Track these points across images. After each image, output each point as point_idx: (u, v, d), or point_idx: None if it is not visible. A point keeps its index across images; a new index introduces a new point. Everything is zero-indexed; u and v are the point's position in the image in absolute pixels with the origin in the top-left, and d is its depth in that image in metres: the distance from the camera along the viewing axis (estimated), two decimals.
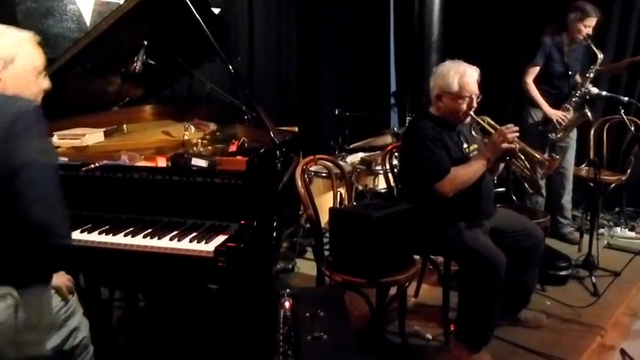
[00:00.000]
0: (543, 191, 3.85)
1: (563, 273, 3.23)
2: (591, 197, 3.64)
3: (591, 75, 3.59)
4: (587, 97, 3.60)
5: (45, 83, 1.62)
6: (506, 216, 2.65)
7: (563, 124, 3.67)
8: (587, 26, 3.52)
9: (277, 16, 4.79)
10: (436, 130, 2.41)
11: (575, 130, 3.82)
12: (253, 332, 2.05)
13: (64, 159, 2.09)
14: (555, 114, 3.66)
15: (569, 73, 3.69)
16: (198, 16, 2.27)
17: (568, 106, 3.67)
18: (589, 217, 3.71)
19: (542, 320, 2.77)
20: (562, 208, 3.98)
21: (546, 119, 3.71)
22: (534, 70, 3.68)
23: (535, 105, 3.73)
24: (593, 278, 3.17)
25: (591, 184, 3.47)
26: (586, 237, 3.50)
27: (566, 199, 3.98)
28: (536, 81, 3.70)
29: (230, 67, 2.33)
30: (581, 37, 3.55)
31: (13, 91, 1.52)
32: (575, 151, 3.91)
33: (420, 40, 4.57)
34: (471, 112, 2.42)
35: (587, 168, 4.00)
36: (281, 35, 4.85)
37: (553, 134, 3.72)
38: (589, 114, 3.62)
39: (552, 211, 3.89)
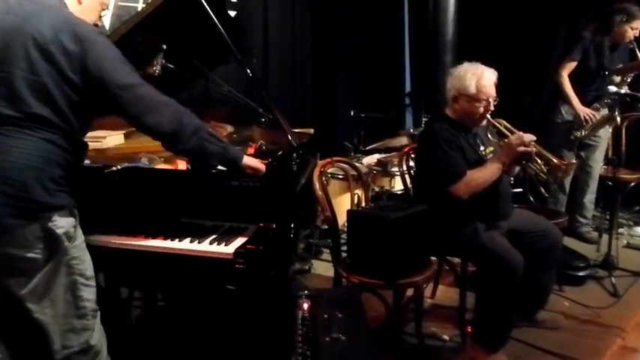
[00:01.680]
0: (567, 189, 3.82)
1: (581, 273, 3.21)
2: (610, 196, 3.60)
3: (628, 79, 3.55)
4: (620, 99, 3.54)
5: (97, 22, 1.80)
6: (524, 216, 2.64)
7: (590, 122, 3.62)
8: (635, 29, 3.48)
9: (292, 18, 4.81)
10: (452, 132, 2.41)
11: (608, 130, 3.77)
12: (271, 333, 2.07)
13: (87, 161, 2.13)
14: (583, 110, 3.61)
15: (606, 73, 3.63)
16: (215, 18, 2.30)
17: (598, 105, 3.63)
18: (608, 217, 3.68)
19: (560, 321, 2.75)
20: (583, 207, 3.95)
21: (575, 116, 3.67)
22: (571, 65, 3.64)
23: (567, 101, 3.69)
24: (613, 279, 3.14)
25: (610, 182, 3.44)
26: (605, 236, 3.48)
27: (589, 199, 3.94)
28: (570, 78, 3.65)
29: (248, 70, 2.34)
30: (627, 40, 3.50)
31: (82, 9, 1.69)
32: (604, 151, 3.86)
33: (435, 40, 4.57)
34: (488, 115, 2.42)
35: (605, 167, 3.96)
36: (295, 37, 4.87)
37: (578, 132, 3.68)
38: (618, 117, 3.55)
39: (572, 210, 3.86)
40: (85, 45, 1.54)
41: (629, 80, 3.55)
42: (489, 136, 2.60)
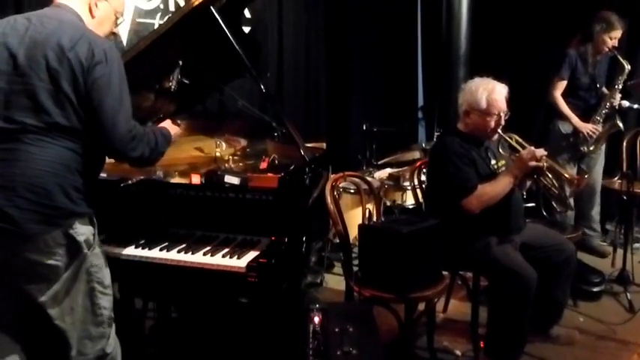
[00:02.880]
0: (572, 204, 3.80)
1: (596, 289, 3.17)
2: (625, 210, 3.57)
3: (619, 86, 3.57)
4: (617, 108, 3.57)
5: (114, 30, 1.86)
6: (537, 231, 2.63)
7: (594, 136, 3.64)
8: (613, 38, 3.51)
9: (306, 33, 4.86)
10: (464, 146, 2.43)
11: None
12: (283, 346, 2.08)
13: (103, 175, 2.17)
14: (585, 127, 3.64)
15: (597, 85, 3.67)
16: (230, 35, 2.34)
17: (598, 118, 3.65)
18: (623, 231, 3.64)
19: (575, 337, 2.72)
20: (591, 220, 3.94)
21: (575, 132, 3.69)
22: (561, 84, 3.67)
23: (563, 118, 3.71)
24: (629, 294, 3.11)
25: (625, 196, 3.41)
26: (620, 251, 3.44)
27: (596, 211, 3.94)
28: (563, 94, 3.68)
29: (262, 86, 2.38)
30: (607, 49, 3.53)
31: (96, 22, 1.76)
32: (603, 162, 3.87)
33: (448, 54, 4.58)
34: (499, 130, 2.43)
35: (619, 180, 3.93)
36: (309, 52, 4.92)
37: (584, 147, 3.69)
38: (620, 124, 3.59)
39: (580, 224, 3.84)
40: (93, 60, 1.58)
41: (619, 87, 3.58)
42: (501, 150, 2.60)
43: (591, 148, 3.69)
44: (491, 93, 2.39)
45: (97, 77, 1.58)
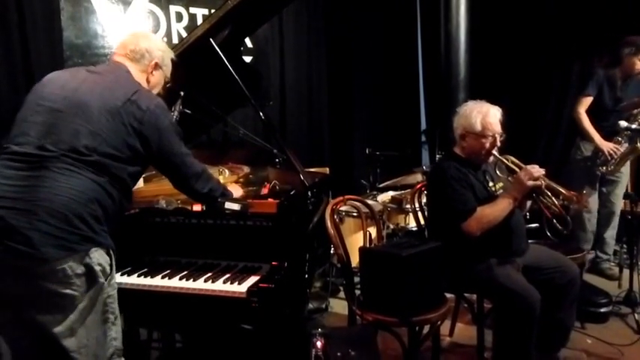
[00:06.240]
0: (588, 227, 3.79)
1: (603, 310, 3.14)
2: (631, 231, 3.56)
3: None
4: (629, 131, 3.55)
5: (162, 91, 2.07)
6: (540, 252, 2.63)
7: (615, 156, 3.60)
8: None
9: (308, 60, 4.96)
10: (461, 170, 2.45)
11: (627, 165, 3.74)
12: None
13: None
14: (607, 145, 3.59)
15: (622, 106, 3.64)
16: (231, 67, 2.40)
17: (620, 139, 3.61)
18: (629, 252, 3.62)
19: (583, 359, 2.69)
20: (604, 243, 3.90)
21: (596, 152, 3.66)
22: (587, 101, 3.65)
23: (585, 137, 3.69)
24: (636, 315, 3.07)
25: (629, 217, 3.40)
26: (626, 272, 3.41)
27: (610, 234, 3.90)
28: (587, 113, 3.66)
29: (261, 114, 2.43)
30: (636, 72, 3.53)
31: (149, 87, 1.97)
32: (625, 186, 3.82)
33: (448, 79, 4.66)
34: (494, 152, 2.45)
35: (624, 201, 3.92)
36: (311, 78, 5.01)
37: (603, 167, 3.66)
38: None
39: (594, 246, 3.81)
40: (145, 115, 1.75)
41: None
42: (498, 171, 2.62)
43: (610, 169, 3.64)
44: (485, 116, 2.42)
45: (154, 128, 1.77)
